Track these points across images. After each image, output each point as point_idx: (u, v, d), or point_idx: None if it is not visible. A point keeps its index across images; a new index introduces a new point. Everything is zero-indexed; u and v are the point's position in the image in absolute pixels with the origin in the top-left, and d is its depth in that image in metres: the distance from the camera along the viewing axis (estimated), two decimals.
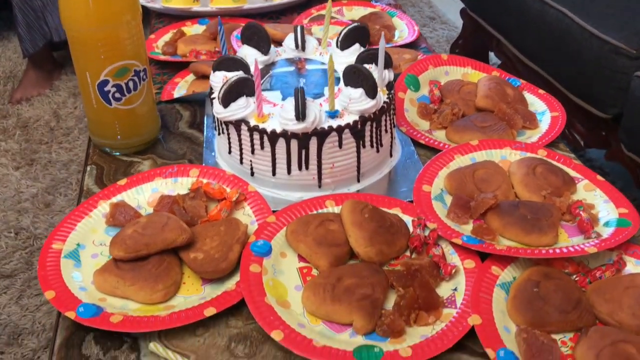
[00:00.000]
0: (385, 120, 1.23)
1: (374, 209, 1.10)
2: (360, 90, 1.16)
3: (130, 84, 1.27)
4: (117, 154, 1.36)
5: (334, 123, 1.15)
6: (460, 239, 1.06)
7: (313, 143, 1.15)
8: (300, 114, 1.11)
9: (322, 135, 1.14)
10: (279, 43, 1.48)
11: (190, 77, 1.68)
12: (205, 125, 1.42)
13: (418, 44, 1.89)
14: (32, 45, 2.98)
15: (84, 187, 1.27)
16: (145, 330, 0.94)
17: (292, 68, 1.33)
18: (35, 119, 2.94)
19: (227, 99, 1.15)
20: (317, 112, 1.13)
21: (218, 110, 1.17)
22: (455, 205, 1.15)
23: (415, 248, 1.07)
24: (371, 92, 1.16)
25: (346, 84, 1.18)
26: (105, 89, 1.25)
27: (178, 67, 1.73)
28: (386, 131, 1.24)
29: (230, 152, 1.23)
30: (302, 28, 1.37)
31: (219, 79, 1.22)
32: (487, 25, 2.66)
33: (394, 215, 1.13)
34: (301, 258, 1.08)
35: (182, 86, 1.69)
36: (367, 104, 1.16)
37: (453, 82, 1.54)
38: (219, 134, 1.25)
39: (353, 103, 1.16)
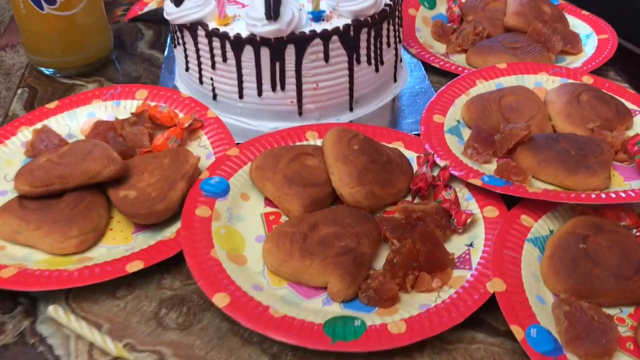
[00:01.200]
0: (388, 30, 0.95)
1: (365, 140, 0.83)
2: None
3: None
4: (58, 75, 1.10)
5: (318, 27, 0.87)
6: (480, 179, 0.79)
7: (290, 53, 0.88)
8: (272, 11, 0.83)
9: (301, 42, 0.87)
10: None
11: None
12: (168, 44, 1.16)
13: None
14: None
15: (9, 113, 1.01)
16: (45, 289, 0.69)
17: None
18: (19, 65, 2.71)
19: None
20: (296, 11, 0.86)
21: (169, 10, 0.91)
22: (475, 139, 0.88)
23: (420, 190, 0.81)
24: None
25: None
26: None
27: None
28: (388, 45, 0.97)
29: (187, 68, 0.97)
30: None
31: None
32: None
33: (394, 149, 0.86)
34: (268, 201, 0.82)
35: (153, 6, 1.42)
36: (364, 3, 0.88)
37: None
38: (174, 46, 0.99)
39: (345, 1, 0.88)
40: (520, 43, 1.10)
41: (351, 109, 0.96)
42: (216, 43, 0.89)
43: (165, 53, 1.14)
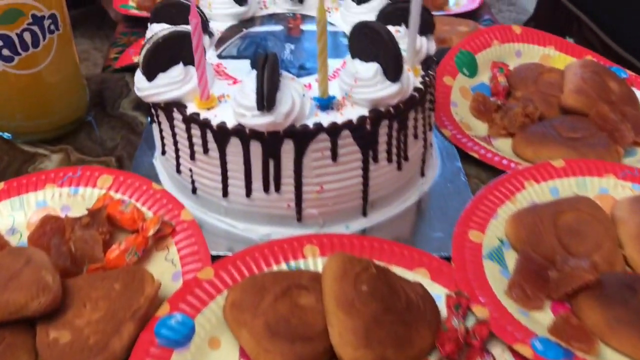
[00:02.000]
0: (416, 119, 0.75)
1: (379, 276, 0.63)
2: (374, 66, 0.68)
3: (27, 37, 0.82)
4: (18, 141, 0.92)
5: (326, 118, 0.68)
6: (531, 345, 0.59)
7: (288, 150, 0.68)
8: (265, 100, 0.64)
9: (303, 137, 0.67)
10: None
11: None
12: None
13: (480, 15, 1.40)
14: None
15: None
16: None
17: (279, 27, 0.86)
18: None
19: (153, 66, 0.70)
20: (297, 98, 0.66)
21: (140, 84, 0.72)
22: (522, 275, 0.67)
23: (449, 356, 0.60)
24: (392, 70, 0.68)
25: (353, 55, 0.71)
26: None
27: None
28: (416, 137, 0.77)
29: (163, 152, 0.78)
30: None
31: None
32: (569, 2, 2.11)
33: (415, 287, 0.65)
34: (244, 353, 0.62)
35: None
36: (385, 90, 0.69)
37: (528, 66, 1.04)
38: (150, 121, 0.80)
39: (361, 87, 0.69)
40: (581, 132, 0.89)
41: (365, 214, 0.76)
42: (196, 131, 0.70)
43: (149, 118, 0.95)
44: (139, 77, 0.71)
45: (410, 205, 0.80)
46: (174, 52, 0.70)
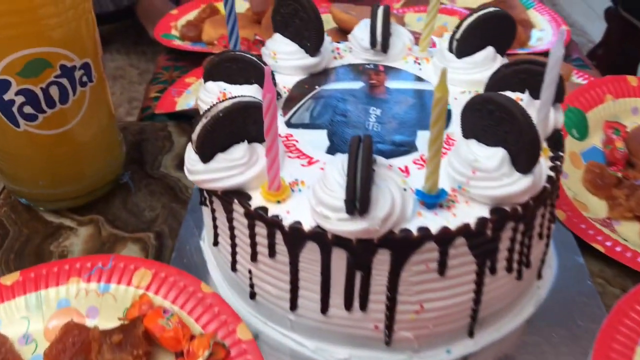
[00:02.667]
0: (543, 215, 0.58)
1: None
2: (499, 153, 0.52)
3: (54, 92, 0.68)
4: (41, 209, 0.77)
5: (434, 221, 0.51)
6: None
7: (382, 261, 0.52)
8: (358, 201, 0.48)
9: (403, 247, 0.51)
10: (345, 33, 0.87)
11: None
12: None
13: (567, 54, 1.22)
14: None
15: None
16: None
17: (359, 84, 0.70)
18: None
19: (210, 145, 0.54)
20: (398, 197, 0.50)
21: (191, 166, 0.56)
22: None
23: None
24: (525, 159, 0.51)
25: (467, 135, 0.55)
26: (5, 97, 0.66)
27: (199, 59, 1.14)
28: (541, 236, 0.59)
29: (216, 243, 0.62)
30: (387, 10, 0.73)
31: (210, 101, 0.62)
32: None
33: None
34: None
35: (195, 91, 1.10)
36: (514, 185, 0.52)
37: None
38: (200, 201, 0.64)
39: (481, 179, 0.52)
40: None
41: (471, 334, 0.59)
42: (261, 229, 0.54)
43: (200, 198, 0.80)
44: (191, 157, 0.56)
45: (525, 319, 0.62)
46: (237, 128, 0.54)
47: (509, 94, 0.60)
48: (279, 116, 0.64)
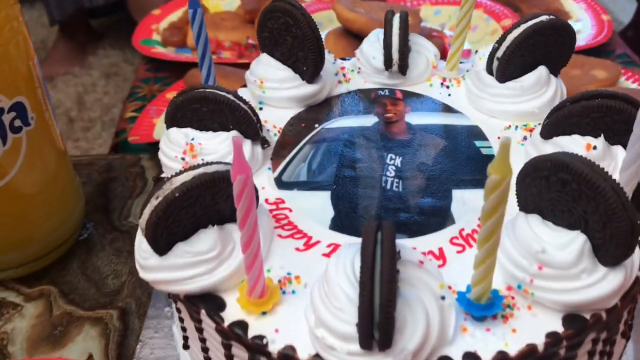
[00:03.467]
0: (630, 311, 0.42)
1: None
2: (578, 241, 0.36)
3: None
4: None
5: (486, 344, 0.36)
6: None
7: None
8: (377, 330, 0.32)
9: None
10: (352, 36, 0.72)
11: None
12: None
13: (611, 48, 1.05)
14: (60, 11, 2.33)
15: None
16: None
17: (371, 119, 0.54)
18: (54, 105, 2.29)
19: (163, 234, 0.38)
20: (434, 313, 0.34)
21: (143, 259, 0.40)
22: None
23: None
24: (615, 250, 0.35)
25: (526, 208, 0.39)
26: None
27: (183, 68, 0.98)
28: (624, 335, 0.44)
29: (186, 346, 0.47)
30: (405, 19, 0.57)
31: (174, 155, 0.46)
32: None
33: None
34: None
35: None
36: (599, 286, 0.36)
37: None
38: (168, 300, 0.49)
39: (551, 279, 0.36)
40: None
41: None
42: (240, 351, 0.38)
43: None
44: (141, 247, 0.40)
45: None
46: (203, 208, 0.39)
47: (576, 138, 0.44)
48: (265, 170, 0.49)
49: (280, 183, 0.47)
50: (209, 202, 0.39)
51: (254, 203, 0.34)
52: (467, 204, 0.45)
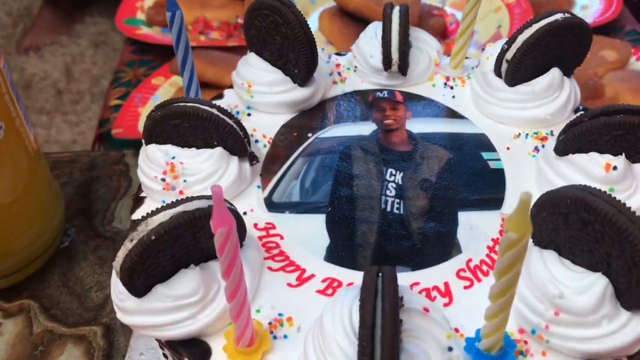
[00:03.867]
0: None
1: None
2: (599, 285, 0.33)
3: None
4: None
5: None
6: None
7: None
8: None
9: None
10: (347, 16, 0.68)
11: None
12: None
13: (619, 24, 1.00)
14: None
15: None
16: None
17: (369, 127, 0.50)
18: (41, 76, 2.22)
19: (139, 276, 0.35)
20: None
21: (120, 301, 0.37)
22: None
23: None
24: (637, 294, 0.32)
25: (542, 243, 0.35)
26: None
27: (170, 50, 0.92)
28: None
29: None
30: (405, 14, 0.52)
31: (154, 175, 0.42)
32: None
33: None
34: None
35: (165, 94, 0.89)
36: (620, 333, 0.33)
37: None
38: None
39: (568, 326, 0.33)
40: None
41: None
42: None
43: None
44: (118, 288, 0.37)
45: None
46: (183, 249, 0.35)
47: (594, 157, 0.40)
48: (255, 190, 0.45)
49: (271, 204, 0.44)
50: (190, 241, 0.35)
51: (238, 254, 0.30)
52: (474, 229, 0.41)
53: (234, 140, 0.43)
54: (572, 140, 0.41)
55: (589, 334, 0.33)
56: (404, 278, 0.38)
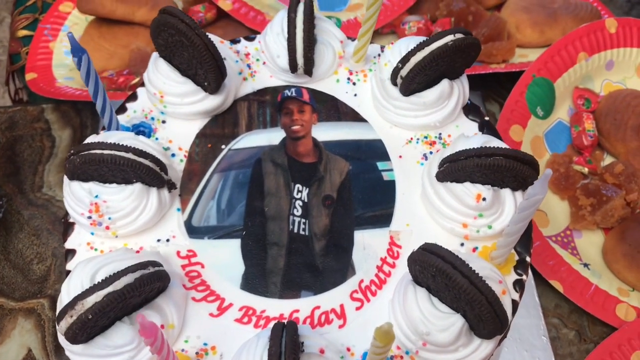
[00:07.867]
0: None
1: None
2: (457, 324, 0.42)
3: None
4: None
5: None
6: None
7: None
8: None
9: None
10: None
11: None
12: None
13: None
14: None
15: None
16: None
17: (279, 134, 0.54)
18: None
19: (82, 338, 0.41)
20: None
21: (67, 345, 0.43)
22: None
23: None
24: (488, 330, 0.41)
25: (416, 280, 0.44)
26: None
27: None
28: None
29: None
30: (310, 11, 0.54)
31: (80, 211, 0.47)
32: None
33: None
34: None
35: (74, 27, 0.87)
36: (473, 356, 0.42)
37: (624, 98, 0.73)
38: None
39: (433, 352, 0.42)
40: None
41: None
42: None
43: None
44: (64, 338, 0.43)
45: None
46: (118, 312, 0.41)
47: (468, 186, 0.47)
48: (176, 212, 0.50)
49: (191, 229, 0.49)
50: (122, 306, 0.41)
51: (166, 346, 0.37)
52: (367, 249, 0.48)
53: (151, 177, 0.47)
54: (450, 173, 0.47)
55: (450, 357, 0.43)
56: (308, 302, 0.46)
